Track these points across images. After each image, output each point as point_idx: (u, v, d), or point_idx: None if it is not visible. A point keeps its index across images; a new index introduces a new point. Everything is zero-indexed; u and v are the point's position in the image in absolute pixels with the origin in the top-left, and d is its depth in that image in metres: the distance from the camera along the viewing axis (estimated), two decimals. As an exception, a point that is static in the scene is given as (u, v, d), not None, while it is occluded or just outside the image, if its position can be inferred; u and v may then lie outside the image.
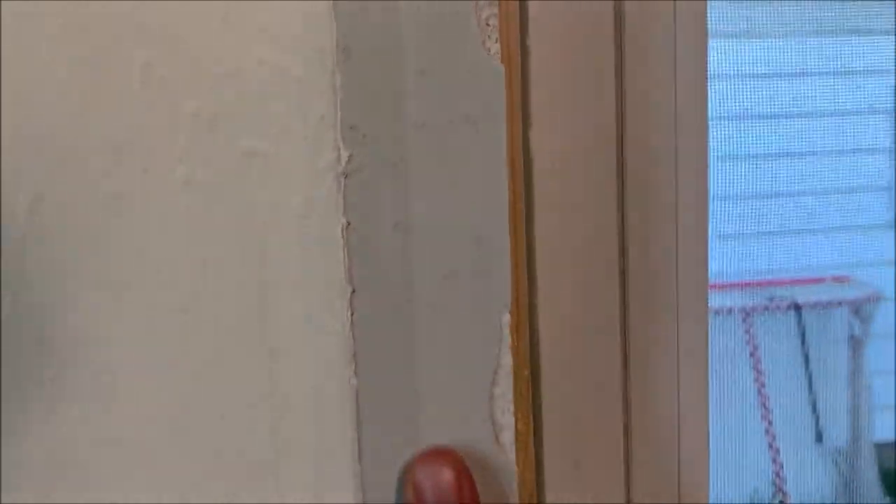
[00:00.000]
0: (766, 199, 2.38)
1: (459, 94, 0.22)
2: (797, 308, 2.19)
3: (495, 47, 0.23)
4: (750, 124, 2.27)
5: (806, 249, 2.36)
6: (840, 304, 2.18)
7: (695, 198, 0.30)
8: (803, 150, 2.33)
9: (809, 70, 2.15)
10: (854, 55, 2.11)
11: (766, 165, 2.31)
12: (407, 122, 0.22)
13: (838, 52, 2.10)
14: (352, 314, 0.23)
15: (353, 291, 0.23)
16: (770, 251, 2.38)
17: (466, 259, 0.23)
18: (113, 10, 0.21)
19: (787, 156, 2.32)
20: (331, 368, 0.23)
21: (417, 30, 0.22)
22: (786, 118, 2.29)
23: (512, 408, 0.25)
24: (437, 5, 0.22)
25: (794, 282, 2.34)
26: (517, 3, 0.23)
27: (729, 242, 2.38)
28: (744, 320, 2.19)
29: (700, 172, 0.32)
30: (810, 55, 2.15)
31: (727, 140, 2.24)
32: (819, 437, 2.15)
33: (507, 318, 0.24)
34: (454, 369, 0.24)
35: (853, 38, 1.98)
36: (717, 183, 2.27)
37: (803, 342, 2.18)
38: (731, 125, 2.26)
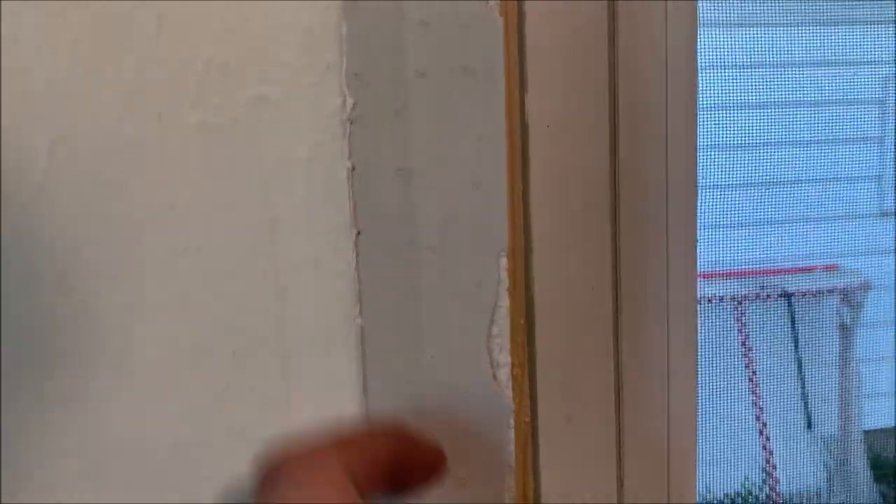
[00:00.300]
0: (756, 189, 2.41)
1: (459, 45, 0.24)
2: (788, 297, 2.20)
3: (494, 1, 0.24)
4: (742, 113, 2.29)
5: (796, 238, 2.39)
6: (830, 292, 2.20)
7: (684, 149, 0.31)
8: (794, 139, 2.35)
9: (800, 60, 2.17)
10: (845, 45, 2.13)
11: (758, 154, 2.34)
12: (409, 71, 0.24)
13: (830, 42, 2.12)
14: (357, 255, 0.24)
15: (358, 233, 0.24)
16: (761, 240, 2.40)
17: (466, 204, 0.25)
18: None
19: (778, 145, 2.34)
20: (337, 307, 0.24)
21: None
22: (775, 108, 2.31)
23: (509, 346, 0.26)
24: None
25: (785, 271, 2.36)
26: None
27: (721, 231, 2.40)
28: (735, 309, 2.21)
29: (689, 122, 0.33)
30: (801, 45, 2.17)
31: (718, 129, 2.26)
32: (809, 425, 2.17)
33: (504, 261, 0.25)
34: (455, 309, 0.25)
35: (843, 27, 2.00)
36: (706, 173, 2.29)
37: (793, 330, 2.20)
38: (722, 114, 2.28)
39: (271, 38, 0.23)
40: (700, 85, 0.35)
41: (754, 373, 2.21)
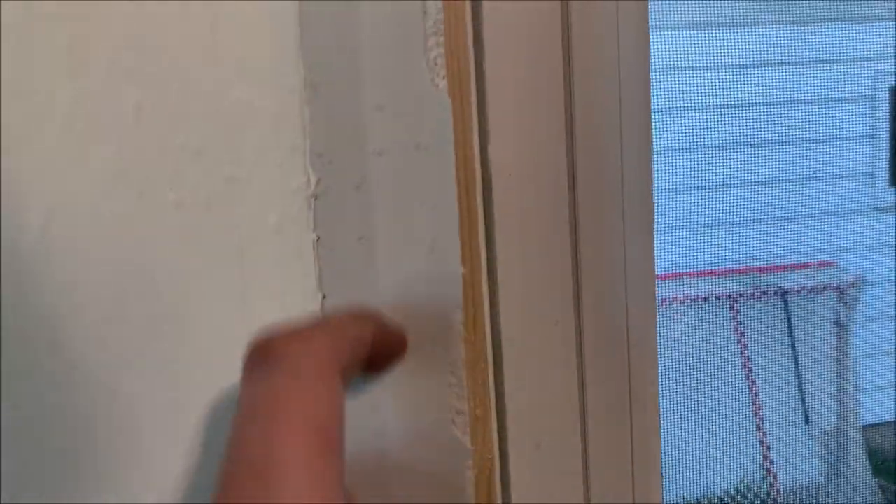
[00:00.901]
0: (749, 187, 2.42)
1: (412, 125, 0.26)
2: (783, 294, 2.22)
3: (443, 83, 0.26)
4: (736, 113, 2.31)
5: (791, 236, 2.41)
6: (825, 289, 2.22)
7: (640, 197, 0.34)
8: (786, 138, 2.37)
9: (793, 58, 2.19)
10: (836, 42, 2.14)
11: (750, 153, 2.35)
12: (366, 150, 0.26)
13: (821, 40, 2.14)
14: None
15: (324, 297, 0.27)
16: (755, 238, 2.42)
17: (423, 267, 0.27)
18: (106, 55, 0.25)
19: (769, 144, 2.36)
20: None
21: (374, 69, 0.26)
22: (768, 107, 2.33)
23: (466, 394, 0.28)
24: (393, 48, 0.26)
25: (780, 268, 2.38)
26: (465, 52, 0.27)
27: (715, 230, 2.42)
28: (731, 307, 2.23)
29: (644, 166, 0.36)
30: (794, 43, 2.18)
31: (714, 129, 2.27)
32: (807, 420, 2.19)
33: (459, 314, 0.28)
34: (414, 362, 0.28)
35: (833, 25, 2.02)
36: (702, 172, 2.31)
37: (789, 327, 2.22)
38: (716, 113, 2.30)
39: (240, 124, 0.25)
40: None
41: (751, 370, 2.23)
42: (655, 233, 0.39)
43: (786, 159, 2.40)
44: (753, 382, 2.25)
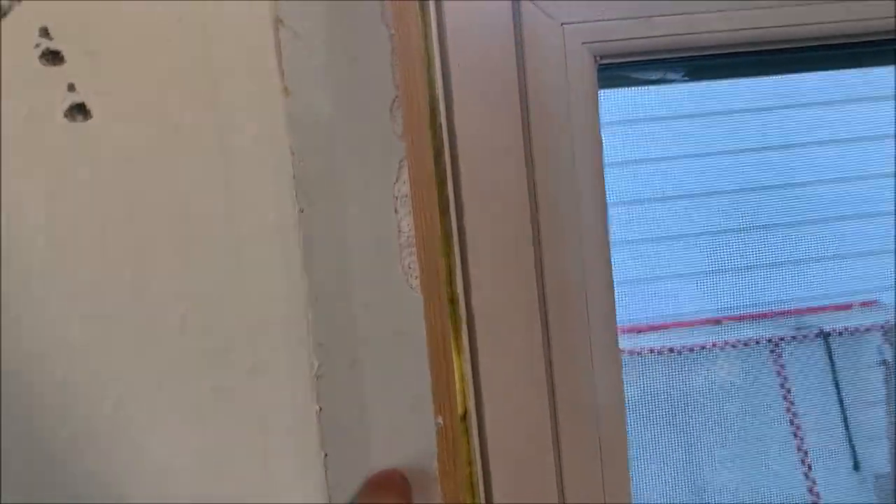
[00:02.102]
0: (788, 228, 2.43)
1: (392, 317, 0.34)
2: (825, 336, 2.22)
3: (416, 283, 0.35)
4: (770, 155, 2.33)
5: (831, 276, 2.40)
6: (868, 329, 2.21)
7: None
8: (821, 178, 2.38)
9: (834, 99, 2.22)
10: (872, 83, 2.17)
11: (792, 193, 2.37)
12: (356, 338, 0.34)
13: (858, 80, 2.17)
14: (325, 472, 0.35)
15: (326, 455, 0.35)
16: (795, 280, 2.42)
17: (407, 421, 0.35)
18: (162, 281, 0.34)
19: (810, 184, 2.37)
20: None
21: (361, 277, 0.34)
22: (803, 147, 2.35)
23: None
24: (376, 260, 0.34)
25: (821, 309, 2.37)
26: (439, 257, 0.35)
27: (753, 273, 2.43)
28: (772, 351, 2.23)
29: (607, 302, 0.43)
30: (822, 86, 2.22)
31: (750, 171, 2.30)
32: (857, 466, 2.16)
33: (434, 463, 0.35)
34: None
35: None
36: (742, 214, 2.33)
37: (833, 370, 2.20)
38: (754, 156, 2.33)
39: (259, 328, 0.34)
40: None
41: (796, 415, 2.22)
42: (692, 277, 0.47)
43: (822, 198, 2.41)
44: (798, 428, 2.23)
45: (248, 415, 0.34)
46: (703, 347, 2.23)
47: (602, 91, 0.46)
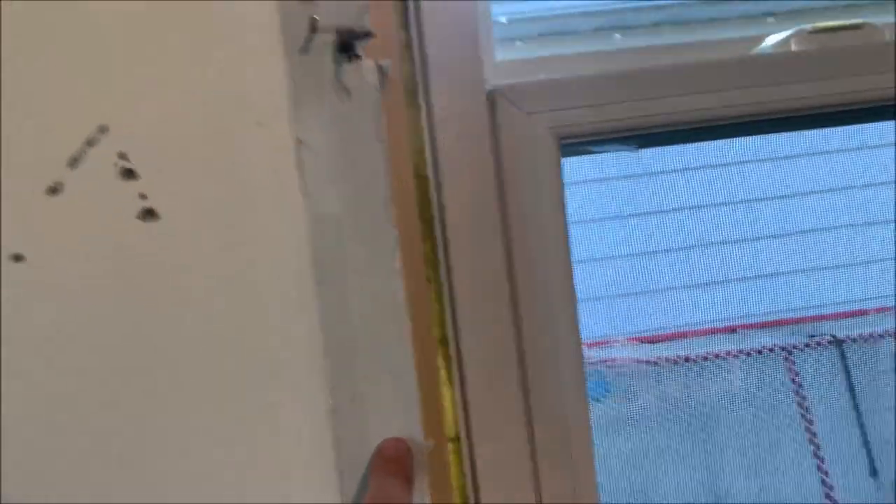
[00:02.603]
0: (802, 236, 2.49)
1: (389, 361, 0.44)
2: (838, 343, 2.26)
3: (406, 326, 0.45)
4: (789, 163, 2.39)
5: (845, 283, 2.45)
6: (883, 336, 2.25)
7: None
8: (831, 186, 2.43)
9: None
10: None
11: (806, 201, 2.42)
12: (360, 378, 0.45)
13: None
14: None
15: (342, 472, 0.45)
16: (808, 286, 2.47)
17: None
18: (204, 329, 0.44)
19: (818, 193, 2.43)
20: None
21: (365, 329, 0.45)
22: (822, 156, 2.41)
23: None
24: (377, 316, 0.45)
25: (836, 316, 2.41)
26: (426, 313, 0.45)
27: (765, 281, 2.48)
28: (785, 359, 2.28)
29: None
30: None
31: (772, 182, 2.36)
32: (874, 472, 2.21)
33: (430, 441, 0.45)
34: None
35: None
36: (753, 223, 2.40)
37: (848, 377, 2.25)
38: (773, 166, 2.39)
39: (280, 373, 0.44)
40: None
41: (811, 422, 2.27)
42: (708, 288, 0.58)
43: (836, 206, 2.47)
44: (815, 435, 2.29)
45: (270, 436, 0.44)
46: (717, 356, 2.29)
47: (565, 159, 0.56)
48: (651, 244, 2.44)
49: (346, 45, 0.40)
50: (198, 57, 0.41)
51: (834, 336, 2.31)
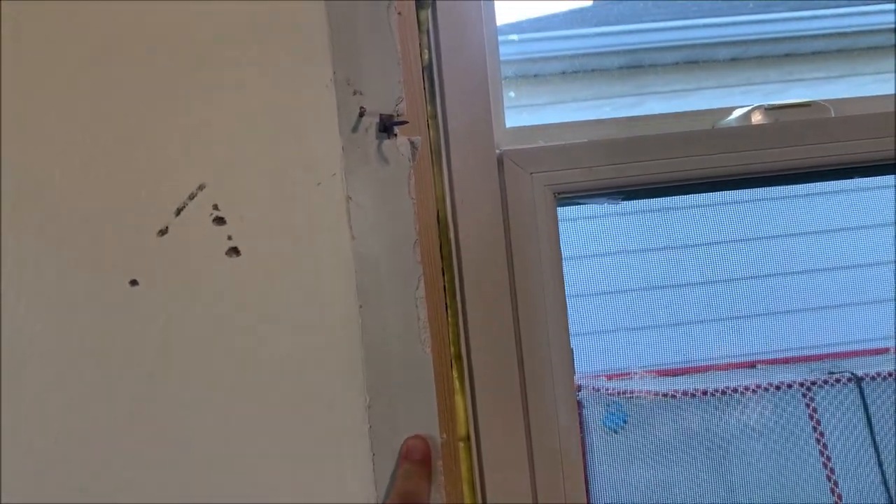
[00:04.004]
0: (824, 273, 2.58)
1: (413, 369, 0.58)
2: (858, 380, 2.34)
3: (427, 349, 0.59)
4: (808, 200, 2.49)
5: (865, 321, 2.52)
6: (902, 374, 2.31)
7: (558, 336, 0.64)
8: (858, 223, 2.52)
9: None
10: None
11: (828, 239, 2.52)
12: (391, 384, 0.58)
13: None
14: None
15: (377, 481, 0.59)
16: (828, 324, 2.55)
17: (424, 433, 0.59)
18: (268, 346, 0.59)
19: (842, 231, 2.52)
20: None
21: (395, 344, 0.59)
22: (844, 194, 2.50)
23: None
24: (405, 335, 0.59)
25: (856, 353, 2.48)
26: (444, 334, 0.59)
27: (786, 317, 2.57)
28: (804, 395, 2.36)
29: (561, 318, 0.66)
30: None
31: (795, 219, 2.47)
32: (892, 510, 2.25)
33: (443, 435, 0.59)
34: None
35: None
36: (775, 259, 2.49)
37: (867, 414, 2.31)
38: (801, 203, 2.49)
39: (332, 379, 0.58)
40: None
41: (829, 459, 2.33)
42: (729, 323, 0.71)
43: (853, 244, 2.55)
44: (832, 472, 2.35)
45: (323, 426, 0.58)
46: (736, 390, 2.37)
47: (561, 208, 0.70)
48: (671, 278, 2.53)
49: (386, 127, 0.55)
50: (275, 133, 0.56)
51: (853, 373, 2.38)
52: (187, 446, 0.56)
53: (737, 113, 0.72)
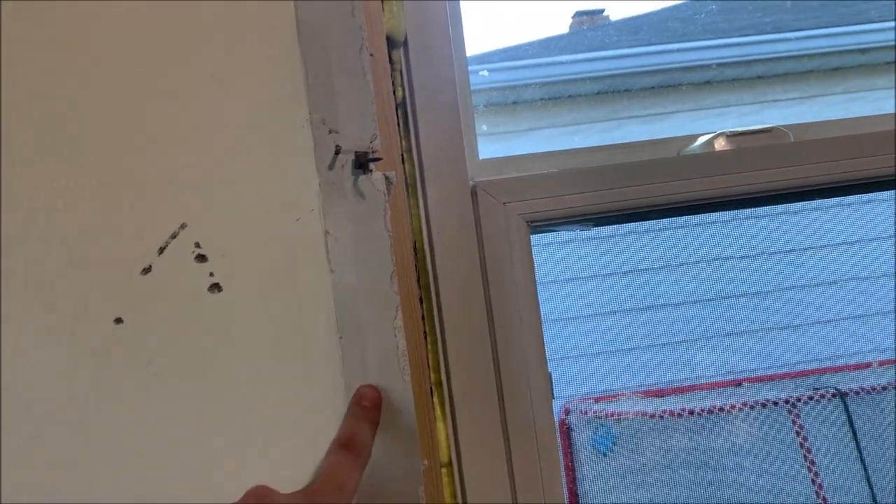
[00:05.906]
0: (806, 290, 2.62)
1: (394, 396, 0.60)
2: (842, 395, 2.37)
3: (407, 377, 0.61)
4: (796, 217, 2.54)
5: (848, 336, 2.57)
6: (887, 388, 2.36)
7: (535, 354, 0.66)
8: (840, 240, 2.58)
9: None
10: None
11: (809, 256, 2.57)
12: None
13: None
14: None
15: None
16: (813, 340, 2.59)
17: (404, 461, 0.61)
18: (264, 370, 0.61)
19: (825, 247, 2.57)
20: None
21: (374, 373, 0.61)
22: (830, 209, 2.55)
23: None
24: (383, 364, 0.61)
25: (840, 368, 2.52)
26: (421, 361, 0.62)
27: (771, 334, 2.61)
28: (790, 412, 2.39)
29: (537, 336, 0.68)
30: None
31: (776, 236, 2.52)
32: (881, 525, 2.28)
33: (424, 462, 0.61)
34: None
35: None
36: (757, 277, 2.54)
37: (853, 430, 2.34)
38: (790, 219, 2.54)
39: (311, 412, 0.60)
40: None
41: (817, 475, 2.36)
42: (714, 342, 0.73)
43: (839, 260, 2.60)
44: (820, 487, 2.37)
45: (301, 463, 0.60)
46: (722, 409, 2.39)
47: (534, 235, 0.73)
48: (656, 298, 2.57)
49: (362, 163, 0.58)
50: (254, 173, 0.59)
51: (838, 389, 2.42)
52: (172, 482, 0.57)
53: (701, 140, 0.75)
